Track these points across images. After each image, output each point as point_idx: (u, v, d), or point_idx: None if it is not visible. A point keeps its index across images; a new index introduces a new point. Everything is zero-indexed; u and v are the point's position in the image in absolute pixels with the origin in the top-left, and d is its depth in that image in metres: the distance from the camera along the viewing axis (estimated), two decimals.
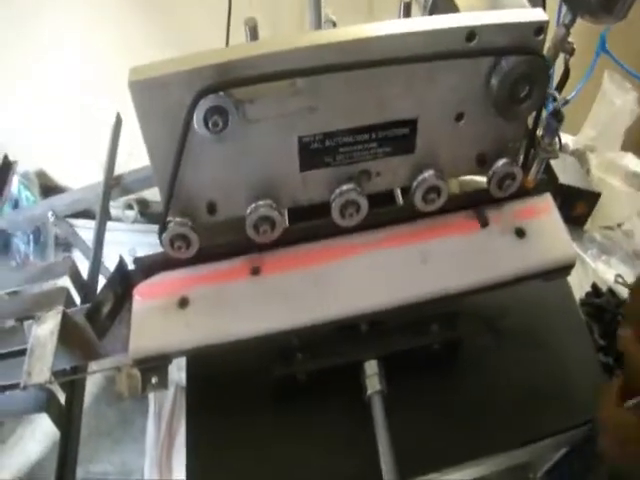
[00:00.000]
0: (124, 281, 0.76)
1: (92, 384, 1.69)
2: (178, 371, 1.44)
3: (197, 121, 0.61)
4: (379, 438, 0.71)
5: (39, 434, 1.67)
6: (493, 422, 0.80)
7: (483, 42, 0.65)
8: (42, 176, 2.01)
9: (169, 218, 0.70)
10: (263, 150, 0.68)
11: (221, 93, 0.60)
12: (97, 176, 1.13)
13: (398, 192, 0.93)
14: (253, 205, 0.71)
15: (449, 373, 0.83)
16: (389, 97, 0.67)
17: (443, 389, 0.83)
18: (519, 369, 0.85)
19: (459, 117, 0.71)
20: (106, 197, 1.06)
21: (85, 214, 1.77)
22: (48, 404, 0.75)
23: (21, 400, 0.75)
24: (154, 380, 0.72)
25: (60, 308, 0.77)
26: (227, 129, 0.63)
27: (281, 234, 0.73)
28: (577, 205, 1.33)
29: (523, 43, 0.65)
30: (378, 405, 0.73)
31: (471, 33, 0.64)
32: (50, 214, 1.15)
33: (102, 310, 0.75)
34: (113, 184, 1.11)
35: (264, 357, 0.77)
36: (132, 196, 2.01)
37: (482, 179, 0.78)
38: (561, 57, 0.78)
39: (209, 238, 0.74)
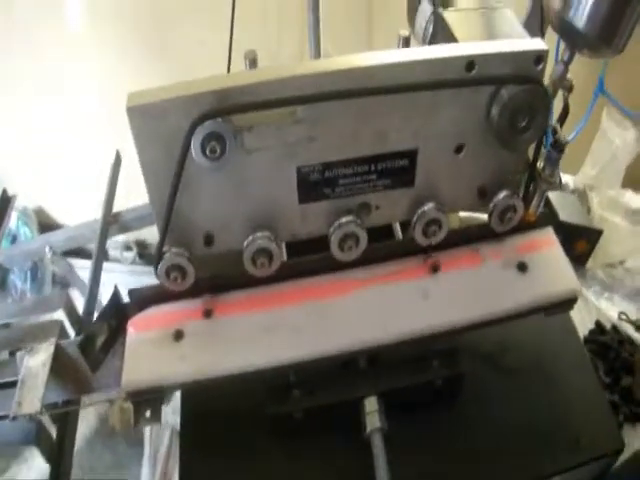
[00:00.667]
0: (118, 313, 0.75)
1: (85, 426, 1.66)
2: (173, 414, 1.41)
3: (195, 148, 0.61)
4: (378, 476, 0.68)
5: (34, 474, 1.63)
6: (497, 460, 0.78)
7: (483, 71, 0.64)
8: (40, 213, 2.02)
9: (165, 248, 0.69)
10: (261, 180, 0.67)
11: (219, 119, 0.60)
12: (96, 214, 1.13)
13: (397, 227, 0.92)
14: (250, 237, 0.70)
15: (451, 410, 0.81)
16: (389, 128, 0.67)
17: (445, 427, 0.80)
18: (523, 406, 0.82)
19: (459, 149, 0.71)
20: (103, 233, 1.05)
21: (83, 254, 1.78)
22: (38, 437, 0.73)
23: (10, 431, 0.73)
24: (147, 414, 0.70)
25: (53, 340, 0.76)
26: (225, 157, 0.62)
27: (279, 269, 0.72)
28: (578, 243, 1.32)
29: (523, 72, 0.65)
30: (378, 443, 0.71)
31: (471, 63, 0.64)
32: (47, 249, 1.14)
33: (96, 342, 0.73)
34: (111, 221, 1.10)
35: (260, 394, 0.75)
36: (131, 237, 2.01)
37: (482, 216, 0.78)
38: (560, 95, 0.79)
39: (205, 271, 0.73)
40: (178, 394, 0.85)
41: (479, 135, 0.70)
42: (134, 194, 1.17)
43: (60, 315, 0.85)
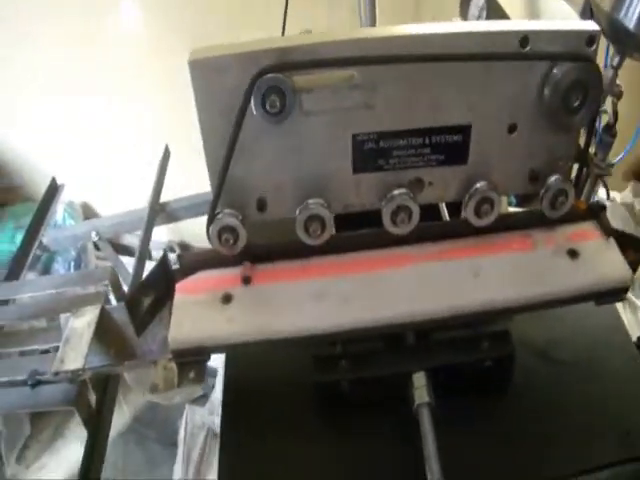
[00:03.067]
0: (166, 277, 0.75)
1: (119, 424, 1.66)
2: (210, 415, 1.41)
3: (255, 101, 0.62)
4: (426, 451, 0.67)
5: (65, 465, 1.62)
6: (545, 450, 0.75)
7: (536, 48, 0.65)
8: (86, 208, 2.05)
9: (218, 210, 0.70)
10: (317, 146, 0.68)
11: (280, 75, 0.61)
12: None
13: (444, 209, 0.92)
14: (304, 203, 0.70)
15: (500, 397, 0.79)
16: (443, 100, 0.67)
17: (493, 412, 0.78)
18: (573, 398, 0.80)
19: (512, 129, 0.70)
20: (151, 218, 1.07)
21: (123, 250, 1.80)
22: (78, 398, 0.72)
23: (50, 393, 0.73)
24: (191, 375, 0.70)
25: (98, 305, 0.76)
26: (283, 114, 0.63)
27: (331, 241, 0.72)
28: (627, 252, 1.29)
29: (576, 51, 0.65)
30: (426, 417, 0.69)
31: (525, 38, 0.64)
32: (94, 234, 1.16)
33: (142, 305, 0.73)
34: (158, 209, 1.12)
35: (306, 365, 0.74)
36: (174, 238, 2.03)
37: None
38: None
39: (256, 240, 0.74)
40: (217, 394, 0.85)
41: (532, 116, 0.70)
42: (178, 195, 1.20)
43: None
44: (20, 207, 2.06)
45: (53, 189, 1.17)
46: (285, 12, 1.22)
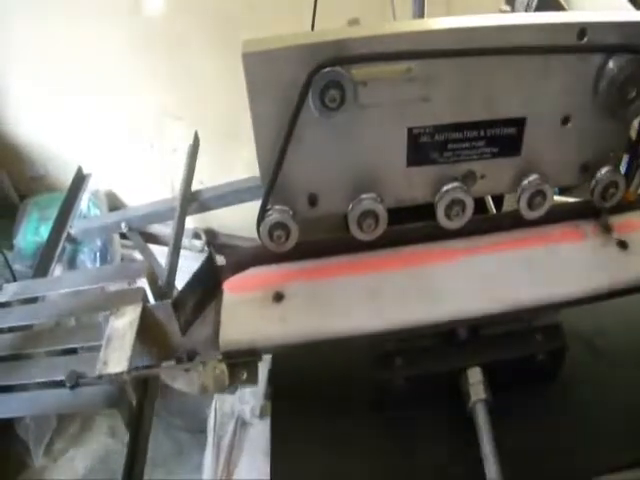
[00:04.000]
0: (212, 275, 0.74)
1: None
2: (240, 403, 1.39)
3: (313, 96, 0.60)
4: (484, 449, 0.66)
5: (90, 458, 1.61)
6: (594, 442, 0.75)
7: (594, 40, 0.63)
8: (111, 197, 2.03)
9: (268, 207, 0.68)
10: (372, 139, 0.66)
11: (339, 68, 0.59)
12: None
13: (491, 202, 0.91)
14: (358, 197, 0.69)
15: (553, 389, 0.78)
16: (499, 93, 0.66)
17: (544, 406, 0.77)
18: (622, 390, 0.79)
19: (565, 120, 0.69)
20: (183, 208, 1.05)
21: (152, 239, 1.78)
22: (120, 401, 0.71)
23: (91, 395, 0.71)
24: (244, 376, 0.69)
25: (140, 303, 0.74)
26: (342, 109, 0.61)
27: (382, 235, 0.70)
28: None
29: (632, 42, 0.64)
30: (482, 414, 0.68)
31: (582, 30, 0.63)
32: (123, 225, 1.14)
33: (187, 304, 0.72)
34: (190, 198, 1.10)
35: (359, 363, 0.73)
36: (200, 225, 2.01)
37: None
38: None
39: (306, 236, 0.72)
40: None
41: (586, 107, 0.68)
42: (206, 184, 1.18)
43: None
44: (44, 198, 2.02)
45: (80, 179, 1.15)
46: (315, 5, 1.19)
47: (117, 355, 0.70)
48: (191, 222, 2.00)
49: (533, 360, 0.74)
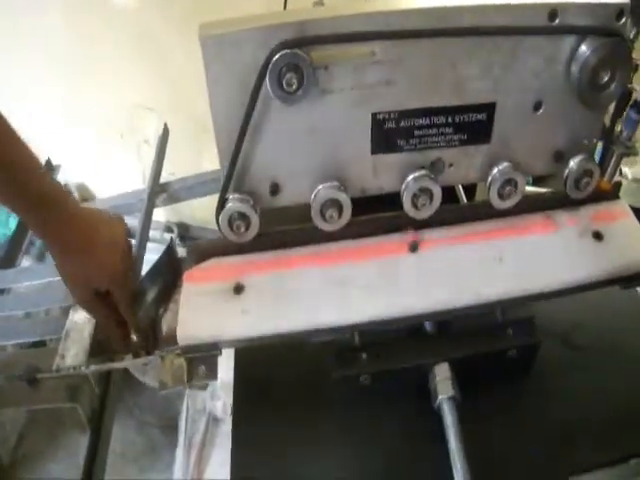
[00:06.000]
0: (172, 266, 0.71)
1: (120, 409, 1.62)
2: (212, 400, 1.37)
3: (270, 79, 0.57)
4: (451, 447, 0.64)
5: (61, 455, 1.58)
6: (569, 440, 0.72)
7: (565, 22, 0.61)
8: (82, 189, 1.98)
9: (228, 196, 0.65)
10: (334, 126, 0.64)
11: (297, 51, 0.56)
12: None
13: (462, 192, 0.88)
14: (320, 186, 0.66)
15: (528, 386, 0.76)
16: (468, 76, 0.63)
17: (515, 402, 0.75)
18: (602, 385, 0.77)
19: (537, 106, 0.67)
20: (151, 200, 1.02)
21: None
22: (80, 396, 0.69)
23: (51, 389, 0.70)
24: (202, 370, 0.66)
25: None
26: (300, 94, 0.59)
27: (347, 226, 0.69)
28: None
29: (605, 25, 0.62)
30: (450, 411, 0.66)
31: (553, 11, 0.61)
32: None
33: (146, 297, 0.70)
34: (158, 190, 1.07)
35: (323, 358, 0.70)
36: (172, 219, 1.98)
37: None
38: None
39: (268, 227, 0.70)
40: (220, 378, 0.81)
41: (558, 92, 0.66)
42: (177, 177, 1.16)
43: None
44: None
45: (49, 170, 1.12)
46: None
47: (75, 348, 0.69)
48: (163, 215, 1.97)
49: (504, 356, 0.71)
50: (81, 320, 0.72)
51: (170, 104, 1.60)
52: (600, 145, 0.75)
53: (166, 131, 1.15)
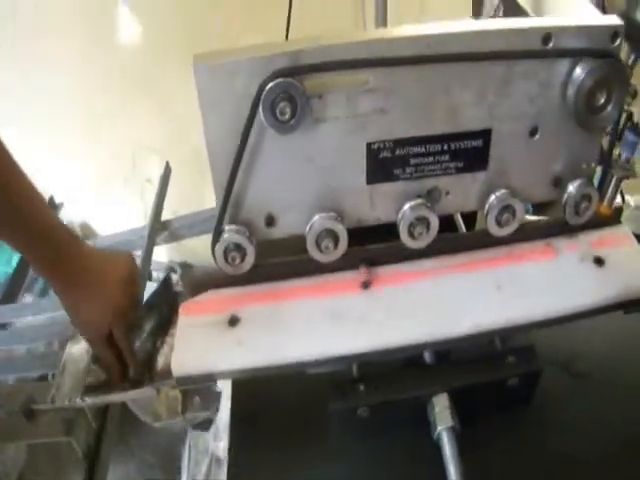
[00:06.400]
0: (169, 299, 0.71)
1: (121, 449, 1.59)
2: (215, 441, 1.35)
3: (264, 109, 0.57)
4: (451, 478, 0.62)
5: None
6: (577, 469, 0.71)
7: (559, 45, 0.61)
8: (85, 228, 1.97)
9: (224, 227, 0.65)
10: (329, 156, 0.64)
11: (290, 80, 0.57)
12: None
13: (460, 221, 0.88)
14: (316, 217, 0.66)
15: (529, 416, 0.75)
16: (462, 104, 0.63)
17: (519, 433, 0.74)
18: (603, 414, 0.75)
19: (533, 132, 0.67)
20: (152, 237, 1.02)
21: None
22: (75, 430, 0.68)
23: (48, 423, 0.69)
24: (196, 400, 0.65)
25: None
26: (294, 123, 0.59)
27: (344, 256, 0.68)
28: None
29: (600, 47, 0.62)
30: (449, 442, 0.64)
31: (547, 35, 0.61)
32: None
33: (142, 329, 0.69)
34: (159, 228, 1.07)
35: (320, 390, 0.69)
36: (175, 258, 1.98)
37: None
38: None
39: (263, 259, 0.69)
40: (222, 417, 0.80)
41: (554, 117, 0.66)
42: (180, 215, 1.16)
43: None
44: None
45: (52, 207, 1.13)
46: (289, 16, 1.18)
47: (71, 380, 0.69)
48: (165, 255, 1.97)
49: (505, 385, 0.70)
50: (78, 352, 0.71)
51: (172, 145, 1.62)
52: (599, 169, 0.74)
53: (168, 169, 1.15)
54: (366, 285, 0.70)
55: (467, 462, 0.64)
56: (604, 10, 0.83)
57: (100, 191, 1.86)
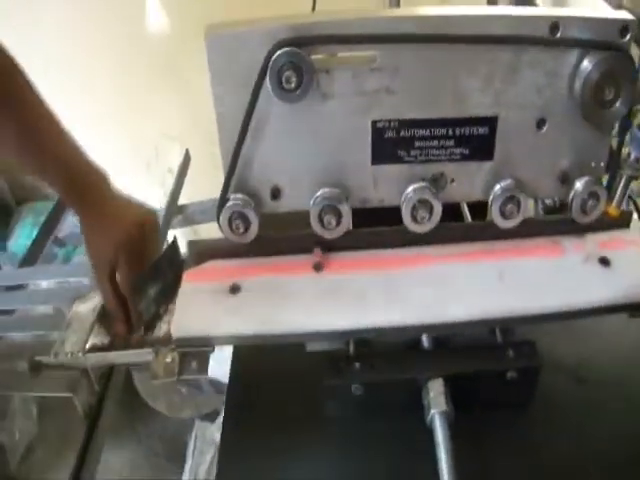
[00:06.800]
0: (174, 264, 0.73)
1: (129, 437, 1.62)
2: (219, 432, 1.35)
3: (270, 77, 0.59)
4: (440, 464, 0.61)
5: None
6: (575, 470, 0.69)
7: (567, 36, 0.62)
8: None
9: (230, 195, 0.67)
10: (336, 130, 0.65)
11: (298, 50, 0.58)
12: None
13: (467, 210, 0.88)
14: (320, 192, 0.67)
15: (522, 416, 0.73)
16: (469, 89, 0.64)
17: (517, 429, 0.73)
18: (603, 421, 0.74)
19: (540, 124, 0.67)
20: (167, 219, 1.05)
21: None
22: (77, 387, 0.70)
23: (51, 379, 0.71)
24: (194, 365, 0.67)
25: None
26: (299, 94, 0.60)
27: (348, 237, 0.70)
28: None
29: (608, 40, 0.62)
30: (442, 426, 0.64)
31: (555, 24, 0.61)
32: None
33: (147, 292, 0.71)
34: (175, 212, 1.09)
35: (316, 367, 0.68)
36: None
37: None
38: None
39: (268, 231, 0.71)
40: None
41: (562, 110, 0.66)
42: None
43: None
44: (40, 204, 2.06)
45: None
46: (314, 1, 1.19)
47: (75, 336, 0.71)
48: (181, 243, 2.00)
49: (503, 377, 0.69)
50: (84, 311, 0.74)
51: (194, 134, 1.65)
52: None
53: (187, 157, 1.18)
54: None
55: (460, 451, 0.62)
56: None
57: (123, 179, 1.89)
